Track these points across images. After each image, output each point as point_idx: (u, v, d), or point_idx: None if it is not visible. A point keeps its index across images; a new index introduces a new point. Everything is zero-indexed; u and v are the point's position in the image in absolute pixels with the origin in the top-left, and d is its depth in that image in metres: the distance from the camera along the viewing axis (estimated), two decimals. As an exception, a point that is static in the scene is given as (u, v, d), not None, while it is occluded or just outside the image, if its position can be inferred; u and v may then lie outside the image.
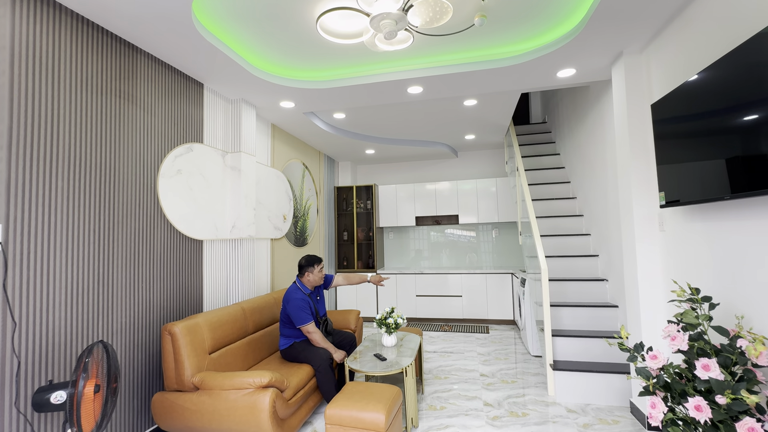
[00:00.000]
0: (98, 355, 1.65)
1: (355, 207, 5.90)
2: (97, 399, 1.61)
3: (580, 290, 3.53)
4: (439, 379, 3.35)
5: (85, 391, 1.55)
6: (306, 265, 2.93)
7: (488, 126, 4.62)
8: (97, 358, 1.64)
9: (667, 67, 2.31)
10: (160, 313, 2.54)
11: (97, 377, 1.62)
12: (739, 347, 1.47)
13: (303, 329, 2.73)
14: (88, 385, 1.56)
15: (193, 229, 2.82)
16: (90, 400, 1.57)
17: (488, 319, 5.26)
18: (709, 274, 1.98)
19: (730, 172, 1.63)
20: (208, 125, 3.08)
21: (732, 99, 1.60)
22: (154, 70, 2.55)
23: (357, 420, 2.05)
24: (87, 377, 1.57)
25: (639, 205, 2.52)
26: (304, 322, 2.71)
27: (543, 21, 2.49)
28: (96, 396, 1.59)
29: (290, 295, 2.80)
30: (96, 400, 1.60)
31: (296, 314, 2.72)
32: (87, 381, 1.57)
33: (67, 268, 1.96)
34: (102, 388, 1.63)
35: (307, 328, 2.71)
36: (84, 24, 2.09)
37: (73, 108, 2.02)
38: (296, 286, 2.88)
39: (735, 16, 1.74)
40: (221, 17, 2.35)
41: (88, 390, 1.56)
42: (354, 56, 2.88)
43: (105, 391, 1.63)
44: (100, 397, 1.61)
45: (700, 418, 1.40)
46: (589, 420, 2.57)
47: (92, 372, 1.60)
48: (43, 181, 1.87)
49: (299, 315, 2.72)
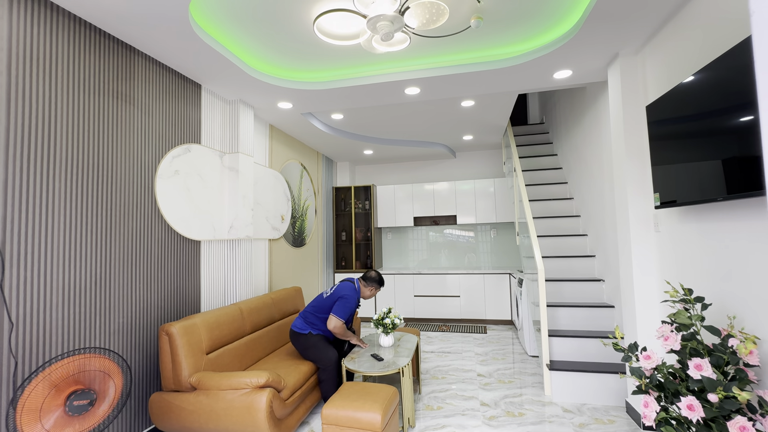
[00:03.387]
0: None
1: (353, 207, 5.91)
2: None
3: (577, 290, 3.55)
4: (436, 379, 3.36)
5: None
6: (373, 280, 2.99)
7: (486, 127, 4.63)
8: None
9: (662, 69, 2.32)
10: (158, 313, 2.55)
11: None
12: (730, 346, 1.49)
13: (336, 321, 2.75)
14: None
15: (190, 229, 2.82)
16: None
17: (486, 319, 5.27)
18: (703, 275, 1.99)
19: (726, 173, 1.64)
20: (205, 126, 3.09)
21: (726, 100, 1.61)
22: (151, 71, 2.56)
23: (354, 420, 2.06)
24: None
25: (634, 206, 2.53)
26: (343, 317, 2.77)
27: (539, 23, 2.51)
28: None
29: (349, 292, 2.85)
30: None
31: (343, 308, 2.78)
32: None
33: (64, 269, 1.97)
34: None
35: (338, 324, 2.75)
36: (81, 25, 2.10)
37: (70, 109, 2.03)
38: (356, 289, 2.93)
39: (729, 18, 1.75)
40: (218, 18, 2.36)
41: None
42: (351, 57, 2.89)
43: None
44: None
45: (692, 417, 1.42)
46: (585, 420, 2.58)
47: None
48: (41, 183, 1.87)
49: (345, 310, 2.78)
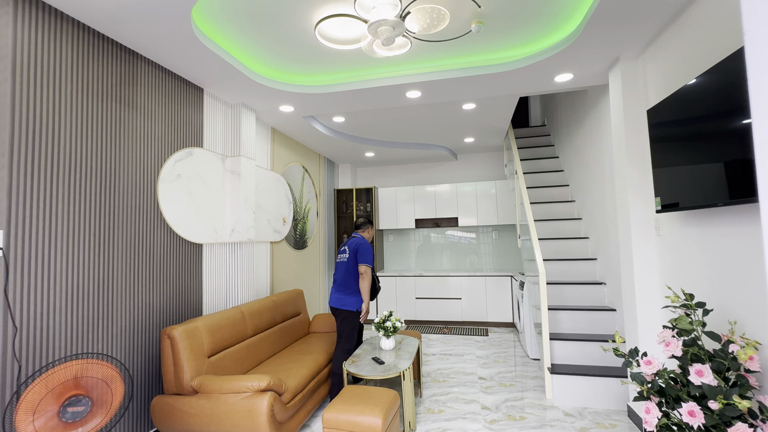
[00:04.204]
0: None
1: (354, 209, 5.92)
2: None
3: (579, 294, 3.54)
4: (437, 382, 3.36)
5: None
6: (366, 224, 3.31)
7: (487, 129, 4.64)
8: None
9: (663, 73, 2.32)
10: (160, 316, 2.56)
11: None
12: (731, 352, 1.49)
13: (366, 268, 2.98)
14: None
15: (192, 232, 2.84)
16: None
17: (487, 321, 5.27)
18: (704, 279, 1.99)
19: (728, 178, 1.64)
20: (207, 130, 3.10)
21: (729, 104, 1.60)
22: (154, 76, 2.58)
23: (354, 424, 2.07)
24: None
25: (635, 210, 2.53)
26: (370, 263, 3.01)
27: (540, 27, 2.51)
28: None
29: (361, 240, 3.10)
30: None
31: (367, 254, 3.02)
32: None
33: (67, 273, 1.98)
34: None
35: (367, 269, 2.99)
36: (85, 31, 2.12)
37: (74, 114, 2.05)
38: (363, 238, 3.15)
39: (730, 22, 1.75)
40: (221, 23, 2.37)
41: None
42: (352, 61, 2.90)
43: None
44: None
45: (693, 423, 1.42)
46: (586, 424, 2.58)
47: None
48: (45, 188, 1.89)
49: (369, 255, 3.03)
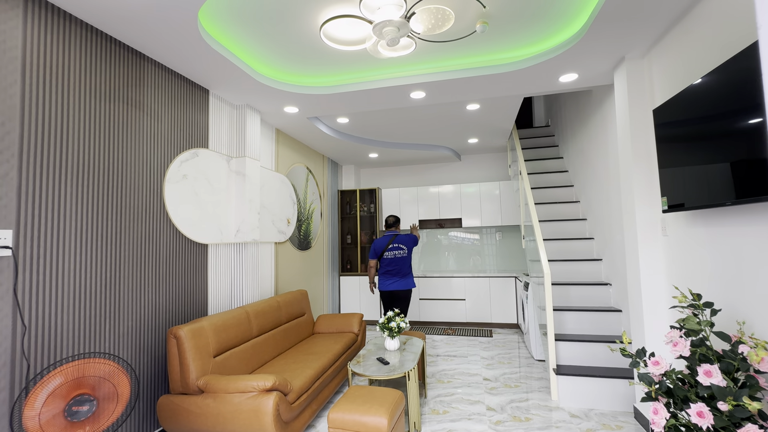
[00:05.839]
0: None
1: (358, 210, 5.93)
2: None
3: (584, 294, 3.52)
4: (442, 382, 3.35)
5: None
6: (397, 221, 4.04)
7: (491, 130, 4.63)
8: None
9: (669, 72, 2.31)
10: (166, 316, 2.57)
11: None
12: (740, 353, 1.47)
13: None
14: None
15: (198, 233, 2.85)
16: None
17: (492, 322, 5.25)
18: (712, 279, 1.97)
19: (735, 177, 1.63)
20: (213, 131, 3.12)
21: (736, 103, 1.60)
22: (160, 78, 2.60)
23: (360, 424, 2.07)
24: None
25: (641, 210, 2.52)
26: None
27: (545, 27, 2.51)
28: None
29: (408, 236, 3.93)
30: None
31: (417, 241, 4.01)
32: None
33: (75, 273, 2.00)
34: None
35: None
36: (93, 33, 2.14)
37: (82, 116, 2.07)
38: (399, 233, 4.06)
39: (738, 20, 1.74)
40: (227, 25, 2.39)
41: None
42: (357, 62, 2.91)
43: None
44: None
45: (702, 424, 1.40)
46: (592, 425, 2.56)
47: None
48: (53, 188, 1.91)
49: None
